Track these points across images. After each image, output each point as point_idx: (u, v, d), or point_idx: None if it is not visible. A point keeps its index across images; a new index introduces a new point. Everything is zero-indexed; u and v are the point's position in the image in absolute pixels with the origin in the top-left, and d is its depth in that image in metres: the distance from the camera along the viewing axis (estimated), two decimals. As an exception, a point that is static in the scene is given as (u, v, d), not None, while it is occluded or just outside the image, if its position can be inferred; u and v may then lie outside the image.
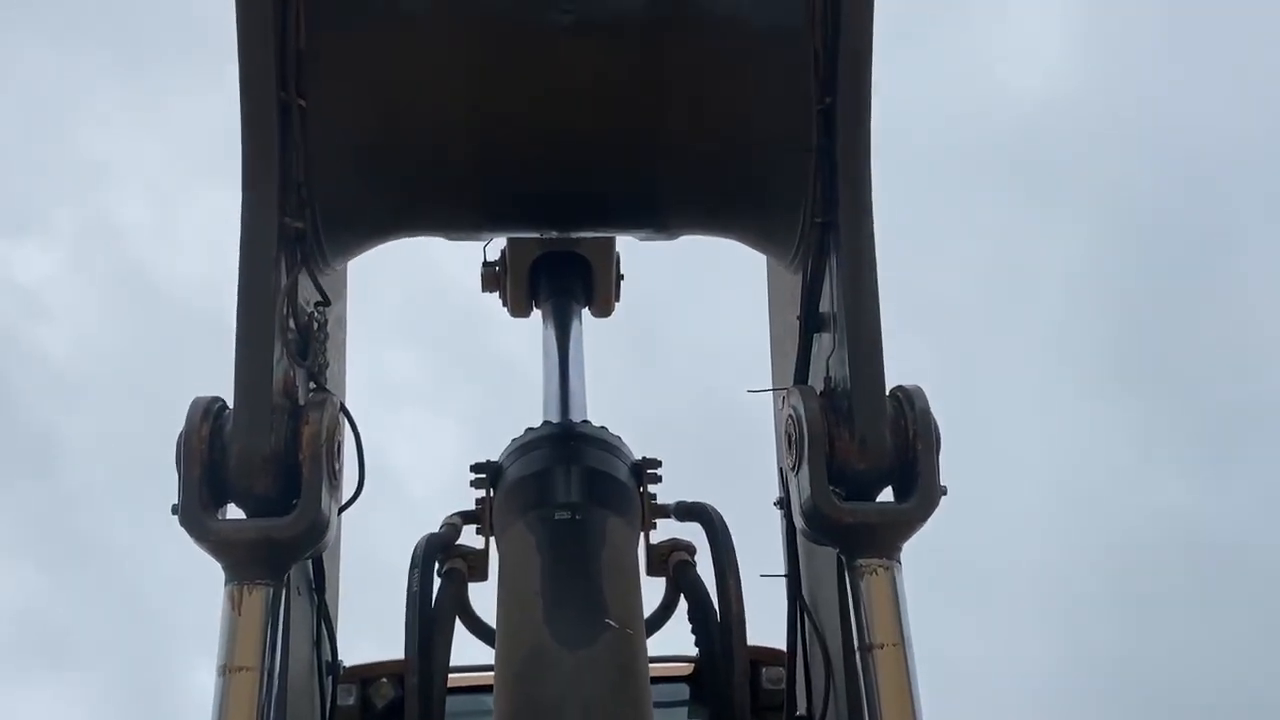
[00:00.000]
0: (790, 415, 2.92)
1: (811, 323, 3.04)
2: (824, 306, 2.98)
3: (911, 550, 2.87)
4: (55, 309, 17.47)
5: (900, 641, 2.72)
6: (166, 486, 2.67)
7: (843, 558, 2.87)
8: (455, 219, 3.22)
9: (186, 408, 2.68)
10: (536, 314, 4.29)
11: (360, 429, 2.92)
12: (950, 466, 2.89)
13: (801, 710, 3.39)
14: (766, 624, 3.77)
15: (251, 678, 2.56)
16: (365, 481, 2.94)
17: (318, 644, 3.16)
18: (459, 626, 3.06)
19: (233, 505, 2.72)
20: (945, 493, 2.82)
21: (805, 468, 2.80)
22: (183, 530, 2.63)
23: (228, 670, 2.56)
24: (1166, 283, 16.20)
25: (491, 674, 2.87)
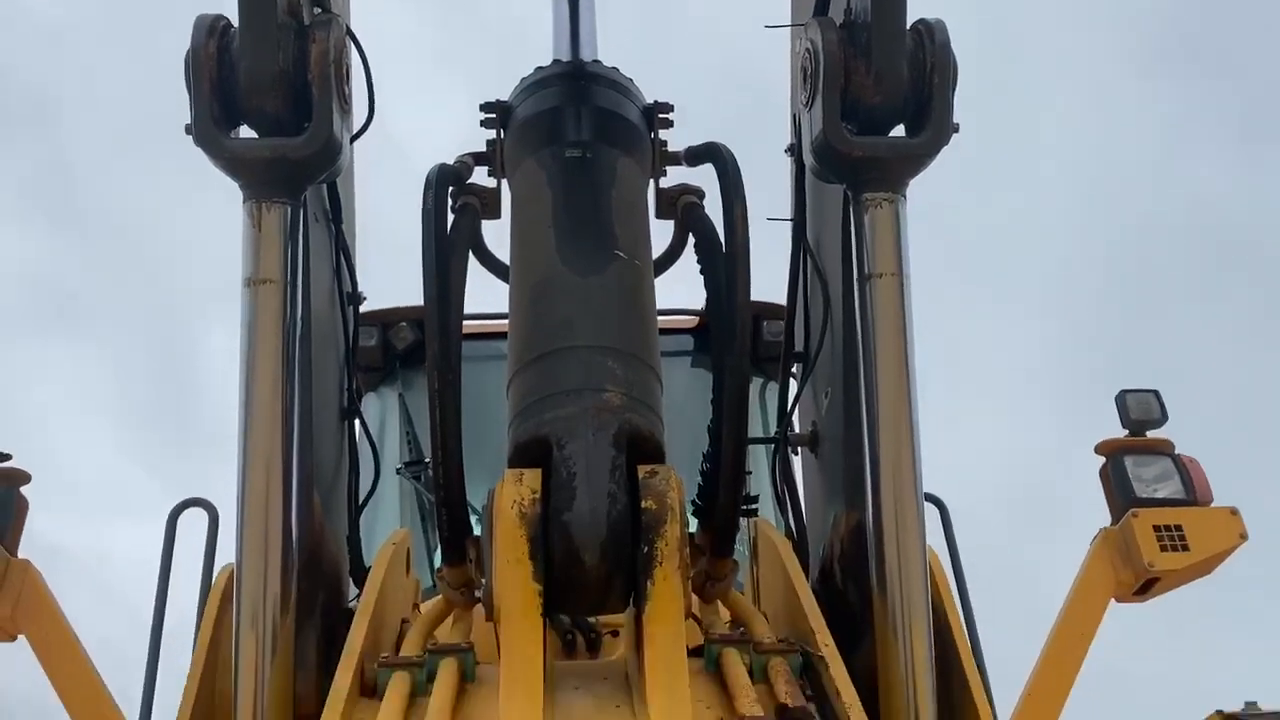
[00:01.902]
0: (807, 48, 2.88)
1: None
2: None
3: (919, 229, 2.87)
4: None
5: (898, 272, 2.81)
6: (172, 140, 2.68)
7: (849, 193, 2.92)
8: None
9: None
10: None
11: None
12: (969, 129, 2.88)
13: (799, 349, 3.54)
14: (769, 280, 3.89)
15: (276, 290, 2.69)
16: (374, 111, 2.94)
17: (337, 272, 3.27)
18: (473, 262, 3.15)
19: (246, 128, 2.76)
20: (957, 129, 2.83)
21: (819, 101, 2.80)
22: (198, 150, 2.68)
23: (253, 283, 2.68)
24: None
25: (506, 322, 2.98)
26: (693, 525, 2.96)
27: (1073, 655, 3.27)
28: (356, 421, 3.49)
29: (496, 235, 3.28)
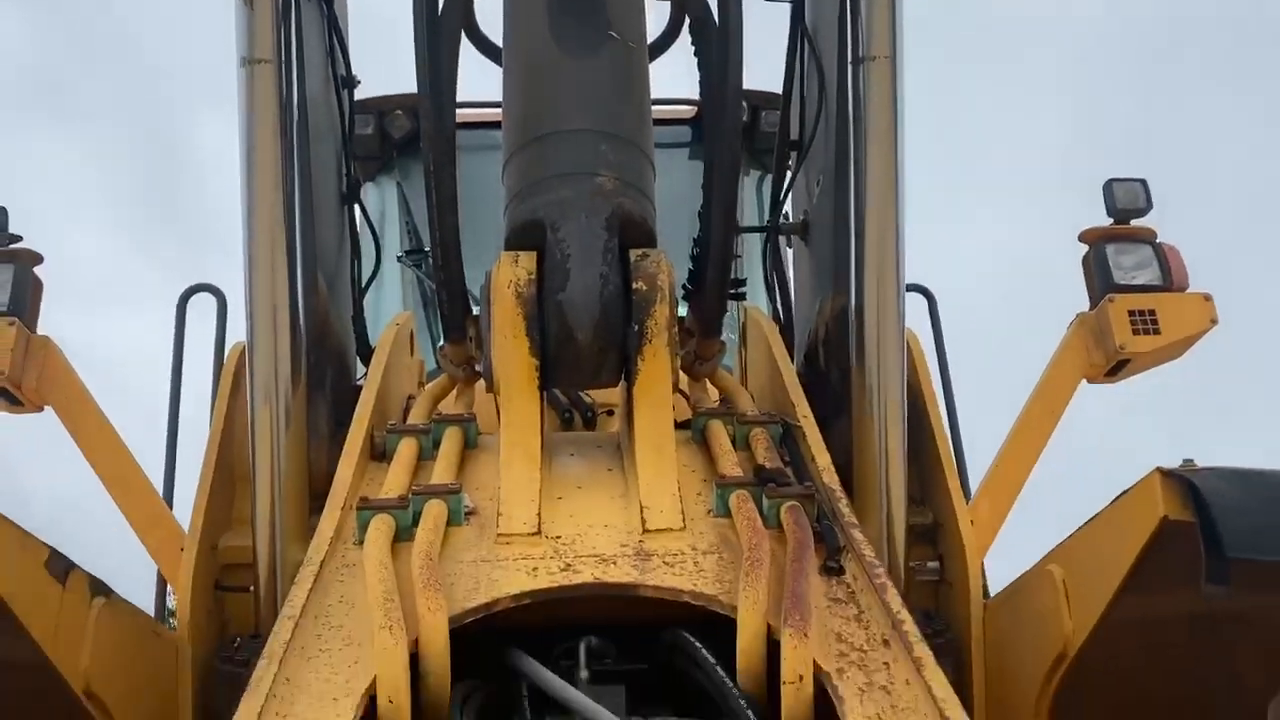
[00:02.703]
0: None
1: None
2: None
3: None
4: None
5: (892, 55, 2.81)
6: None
7: None
8: None
9: None
10: None
11: None
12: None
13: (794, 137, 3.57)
14: (769, 71, 3.86)
15: (271, 70, 2.70)
16: None
17: (330, 54, 3.26)
18: (466, 46, 3.14)
19: None
20: None
21: None
22: None
23: (248, 62, 2.70)
24: None
25: (500, 110, 2.99)
26: (683, 310, 3.09)
27: (1040, 432, 3.45)
28: (356, 207, 3.56)
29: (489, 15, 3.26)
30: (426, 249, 4.36)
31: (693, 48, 3.16)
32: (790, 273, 3.86)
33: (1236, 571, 2.14)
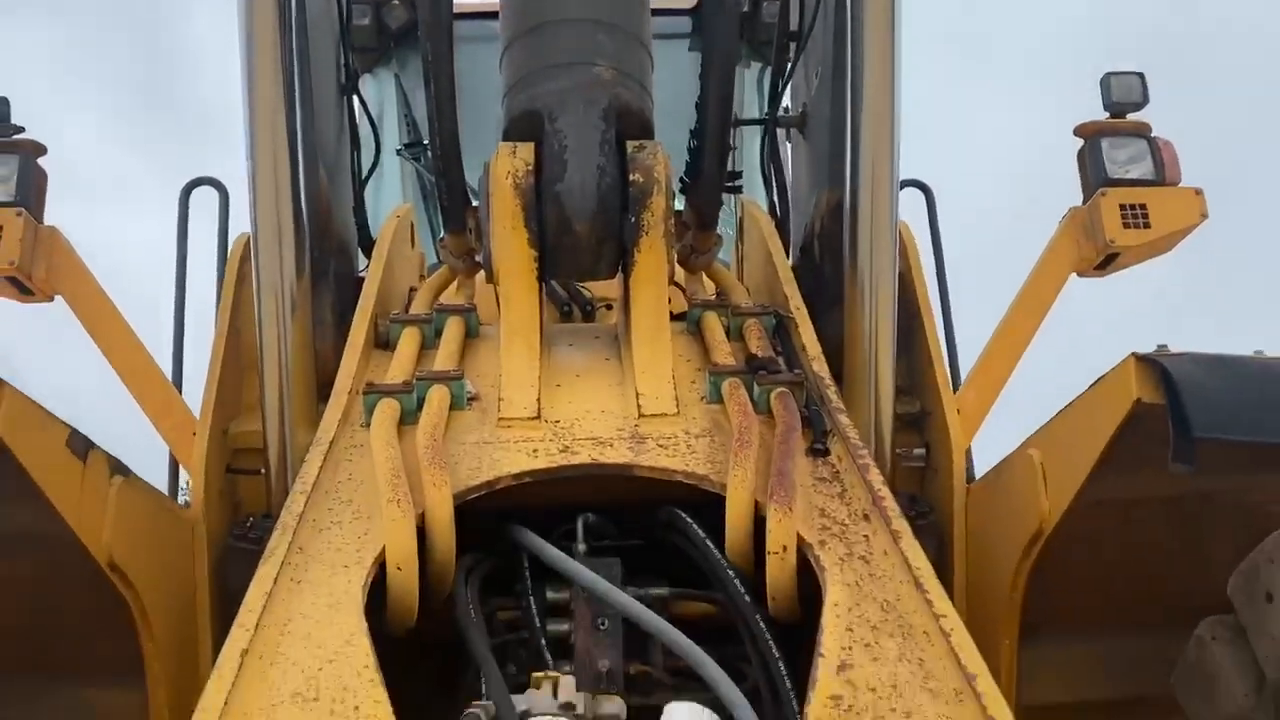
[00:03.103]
0: None
1: None
2: None
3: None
4: None
5: None
6: None
7: None
8: None
9: None
10: None
11: None
12: None
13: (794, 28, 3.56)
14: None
15: None
16: None
17: None
18: None
19: None
20: None
21: None
22: None
23: None
24: None
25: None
26: (681, 203, 3.13)
27: (1027, 325, 3.52)
28: (354, 99, 3.57)
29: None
30: (425, 142, 4.37)
31: None
32: (788, 166, 3.88)
33: (1205, 453, 2.24)
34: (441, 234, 3.18)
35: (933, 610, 1.83)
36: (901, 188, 3.05)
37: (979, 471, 3.29)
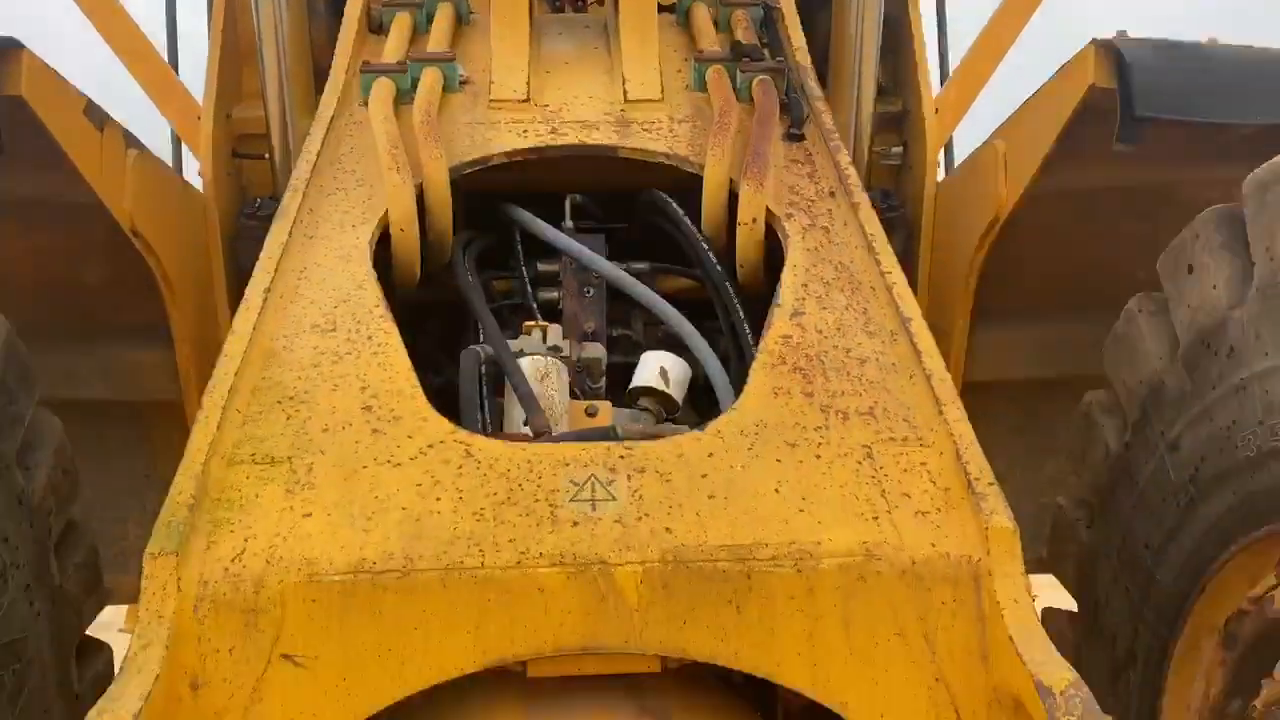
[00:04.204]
0: None
1: None
2: None
3: None
4: None
5: None
6: None
7: None
8: None
9: None
10: None
11: None
12: None
13: None
14: None
15: None
16: None
17: None
18: None
19: None
20: None
21: None
22: None
23: None
24: None
25: None
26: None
27: (1012, 25, 3.55)
28: None
29: None
30: None
31: None
32: None
33: (1163, 143, 2.37)
34: None
35: (880, 269, 2.03)
36: None
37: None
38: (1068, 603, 2.60)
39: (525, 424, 1.89)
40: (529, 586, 1.49)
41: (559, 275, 2.43)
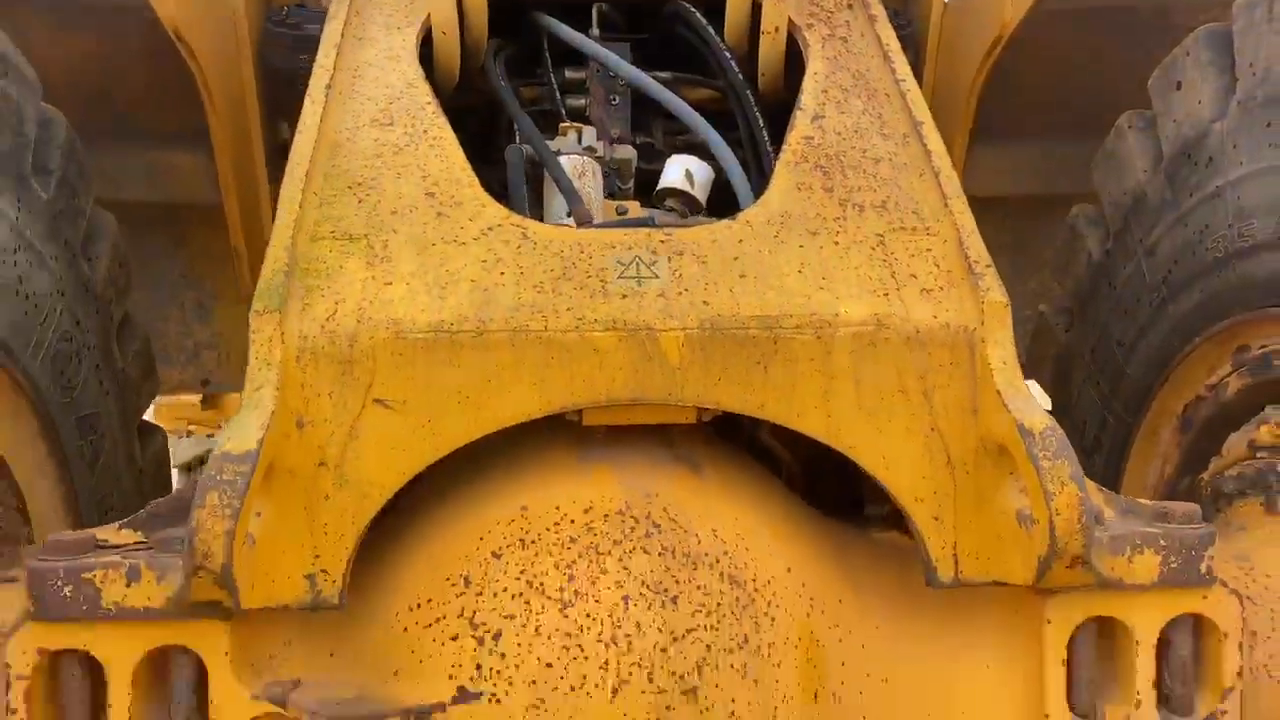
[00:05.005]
0: None
1: None
2: None
3: None
4: None
5: None
6: None
7: None
8: None
9: None
10: None
11: None
12: None
13: None
14: None
15: None
16: None
17: None
18: None
19: None
20: None
21: None
22: None
23: None
24: None
25: None
26: None
27: None
28: None
29: None
30: None
31: None
32: None
33: None
34: None
35: (895, 77, 2.19)
36: None
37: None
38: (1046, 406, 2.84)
39: (568, 215, 2.07)
40: (586, 348, 1.71)
41: (585, 83, 2.56)
